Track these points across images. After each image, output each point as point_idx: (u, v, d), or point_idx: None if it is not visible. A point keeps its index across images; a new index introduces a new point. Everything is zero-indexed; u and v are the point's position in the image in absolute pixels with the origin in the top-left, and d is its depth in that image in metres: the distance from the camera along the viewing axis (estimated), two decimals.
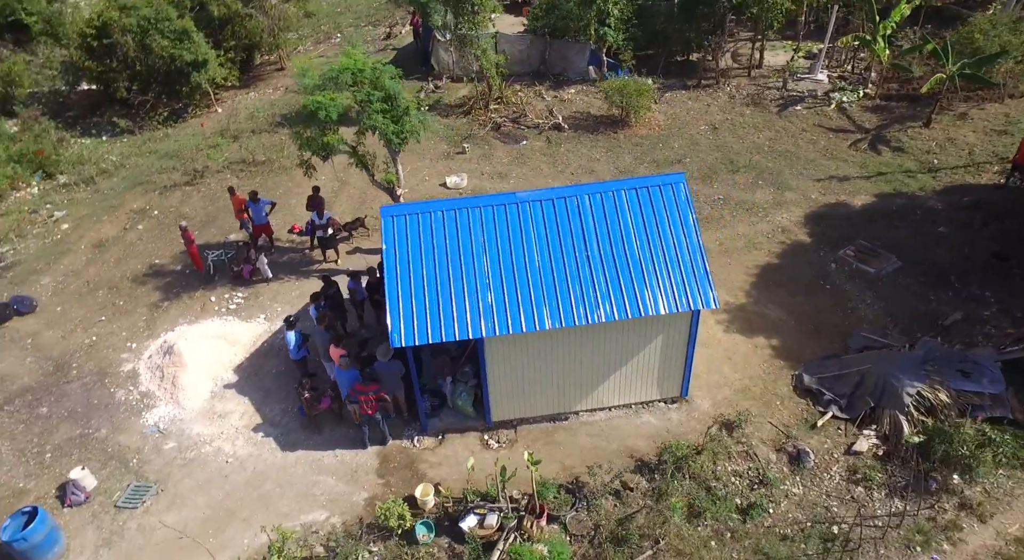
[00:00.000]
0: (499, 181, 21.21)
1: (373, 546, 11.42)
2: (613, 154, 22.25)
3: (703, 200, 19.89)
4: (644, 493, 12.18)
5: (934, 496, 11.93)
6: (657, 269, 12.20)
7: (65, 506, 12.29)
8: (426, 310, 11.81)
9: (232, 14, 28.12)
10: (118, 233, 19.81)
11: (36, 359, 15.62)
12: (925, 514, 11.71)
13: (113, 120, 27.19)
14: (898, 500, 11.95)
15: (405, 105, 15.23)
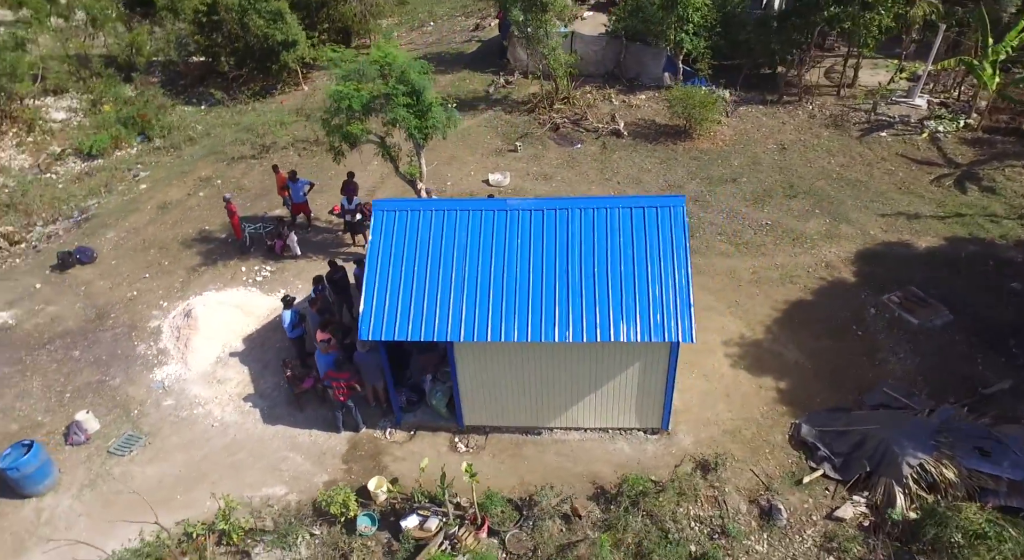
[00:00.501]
0: (542, 183, 20.99)
1: (316, 529, 11.78)
2: (666, 166, 21.43)
3: (747, 224, 18.81)
4: (594, 522, 11.80)
5: None
6: (638, 295, 11.68)
7: (67, 444, 13.50)
8: (398, 307, 11.94)
9: None
10: (182, 197, 21.34)
11: (84, 306, 17.17)
12: None
13: (211, 91, 29.18)
14: None
15: (429, 101, 15.36)
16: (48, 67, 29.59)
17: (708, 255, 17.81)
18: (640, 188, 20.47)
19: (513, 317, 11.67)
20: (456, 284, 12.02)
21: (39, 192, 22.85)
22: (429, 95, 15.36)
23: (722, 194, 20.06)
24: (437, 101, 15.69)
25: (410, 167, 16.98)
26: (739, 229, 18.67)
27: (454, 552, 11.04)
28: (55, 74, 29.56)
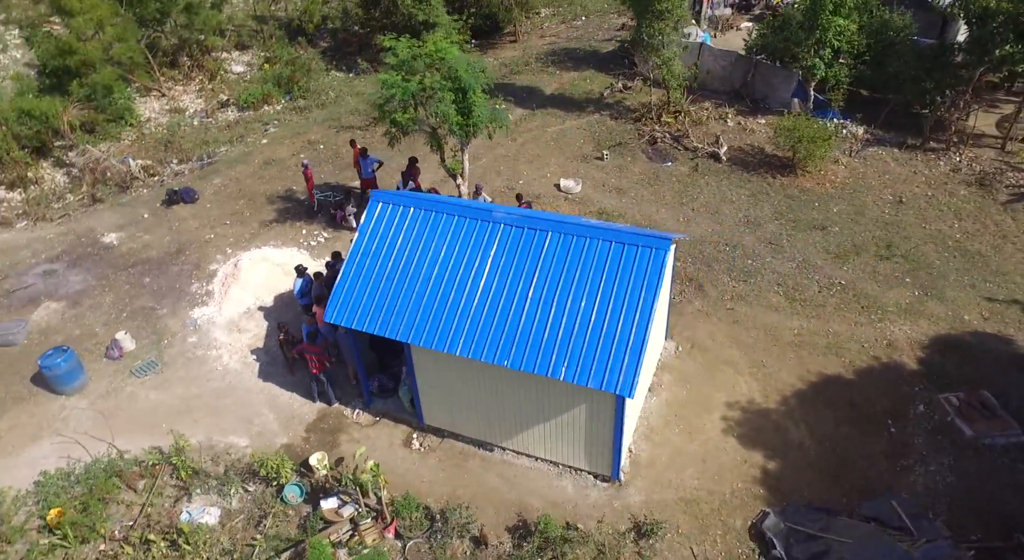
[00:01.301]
0: (614, 196, 20.19)
1: (252, 486, 12.60)
2: (753, 200, 19.65)
3: (817, 279, 16.81)
4: (500, 554, 11.46)
5: None
6: (589, 336, 11.01)
7: (104, 357, 15.55)
8: (363, 297, 12.27)
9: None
10: (286, 156, 23.26)
11: (171, 240, 19.46)
12: None
13: (360, 61, 31.26)
14: None
15: (475, 100, 15.35)
16: (236, 26, 33.36)
17: (754, 305, 16.20)
18: (713, 220, 18.99)
19: (462, 331, 11.53)
20: (421, 287, 12.08)
21: (194, 135, 25.96)
22: (476, 94, 15.35)
23: (802, 241, 18.04)
24: (482, 100, 15.62)
25: (453, 162, 17.15)
26: (803, 283, 16.73)
27: (351, 543, 11.31)
28: (240, 32, 33.29)
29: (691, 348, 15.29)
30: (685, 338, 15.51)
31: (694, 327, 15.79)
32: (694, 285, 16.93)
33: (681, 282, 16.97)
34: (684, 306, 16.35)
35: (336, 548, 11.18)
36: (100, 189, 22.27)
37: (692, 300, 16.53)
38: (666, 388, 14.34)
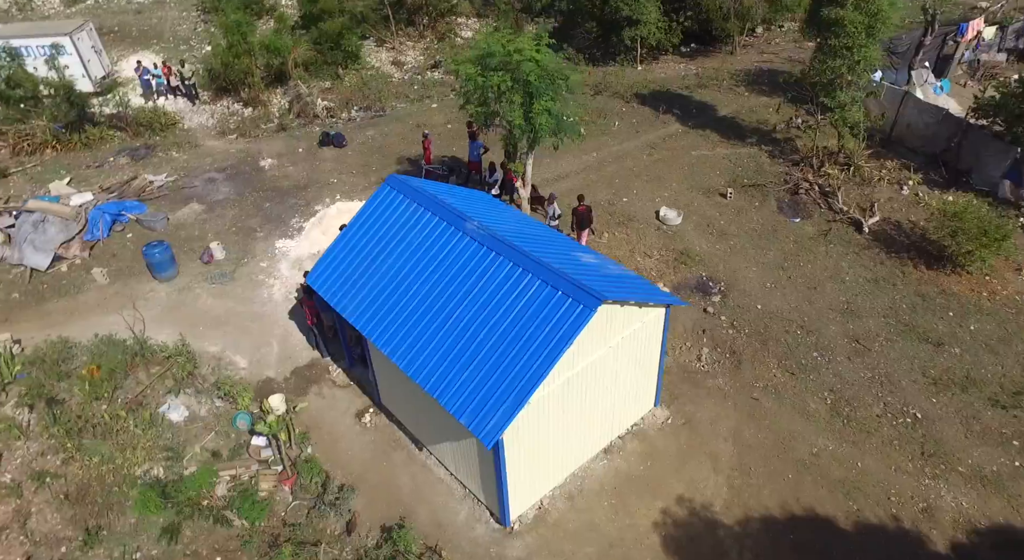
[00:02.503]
0: (711, 239, 18.25)
1: (220, 403, 14.24)
2: (871, 288, 16.48)
3: (886, 400, 13.87)
4: (357, 547, 11.70)
5: None
6: (488, 373, 10.49)
7: (199, 259, 18.41)
8: (337, 271, 12.98)
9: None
10: (439, 123, 24.63)
11: (305, 176, 22.00)
12: None
13: (564, 46, 31.52)
14: None
15: (543, 107, 14.86)
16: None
17: (786, 403, 13.88)
18: (805, 296, 16.31)
19: (397, 332, 11.65)
20: (384, 277, 12.38)
21: (392, 88, 28.67)
22: (540, 102, 14.86)
23: (900, 352, 14.81)
24: (546, 107, 15.03)
25: (516, 164, 16.82)
26: (865, 400, 13.84)
27: (249, 482, 12.40)
28: (474, 1, 35.49)
29: (682, 424, 13.64)
30: (682, 413, 13.86)
31: (700, 404, 14.01)
32: (733, 360, 14.90)
33: (720, 352, 15.05)
34: (705, 378, 14.54)
35: (223, 480, 12.35)
36: (288, 120, 25.84)
37: (719, 375, 14.61)
38: (625, 456, 13.06)
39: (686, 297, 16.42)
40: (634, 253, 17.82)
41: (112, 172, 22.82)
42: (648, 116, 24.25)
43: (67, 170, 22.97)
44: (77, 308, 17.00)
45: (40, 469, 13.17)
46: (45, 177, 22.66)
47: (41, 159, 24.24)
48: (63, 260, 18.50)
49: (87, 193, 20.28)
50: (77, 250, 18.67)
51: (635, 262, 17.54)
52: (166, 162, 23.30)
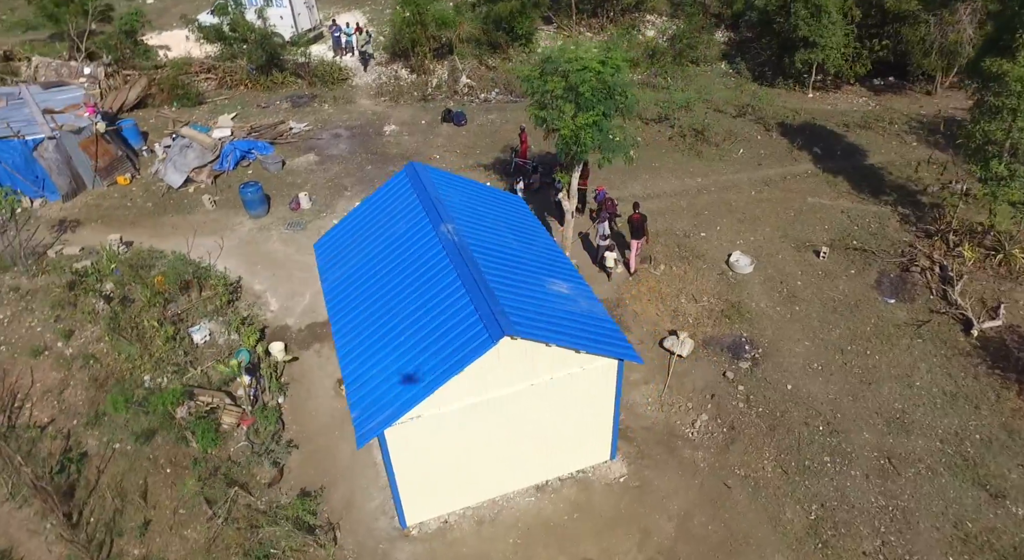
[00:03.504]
0: (777, 299, 16.22)
1: (235, 335, 15.69)
2: (945, 403, 13.75)
3: (882, 553, 11.56)
4: (271, 500, 12.45)
5: None
6: (391, 380, 10.48)
7: (288, 205, 20.23)
8: (335, 248, 13.57)
9: (902, 14, 24.61)
10: None
11: (413, 147, 22.96)
12: None
13: (739, 59, 29.26)
14: None
15: (588, 120, 14.02)
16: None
17: (758, 511, 12.12)
18: (852, 390, 13.90)
19: (347, 317, 11.96)
20: (361, 264, 12.71)
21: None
22: (584, 116, 14.02)
23: (955, 494, 12.16)
24: (591, 120, 14.10)
25: (561, 174, 16.00)
26: (864, 534, 11.59)
27: (214, 412, 13.69)
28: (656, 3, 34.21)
29: (635, 487, 12.53)
30: (640, 475, 12.71)
31: (664, 472, 12.75)
32: (727, 436, 13.27)
33: (718, 424, 13.48)
34: (685, 447, 13.18)
35: (199, 403, 13.72)
36: (432, 92, 27.08)
37: (702, 448, 13.17)
38: (555, 500, 12.35)
39: (713, 356, 14.84)
40: (680, 294, 16.38)
41: (271, 114, 25.70)
42: (781, 149, 21.82)
43: (241, 106, 26.27)
44: (181, 225, 19.62)
45: (91, 352, 15.62)
46: (223, 110, 26.13)
47: (233, 94, 27.98)
48: (193, 182, 21.40)
49: (227, 128, 23.09)
50: (205, 176, 21.48)
51: (676, 304, 16.13)
52: (313, 113, 25.68)
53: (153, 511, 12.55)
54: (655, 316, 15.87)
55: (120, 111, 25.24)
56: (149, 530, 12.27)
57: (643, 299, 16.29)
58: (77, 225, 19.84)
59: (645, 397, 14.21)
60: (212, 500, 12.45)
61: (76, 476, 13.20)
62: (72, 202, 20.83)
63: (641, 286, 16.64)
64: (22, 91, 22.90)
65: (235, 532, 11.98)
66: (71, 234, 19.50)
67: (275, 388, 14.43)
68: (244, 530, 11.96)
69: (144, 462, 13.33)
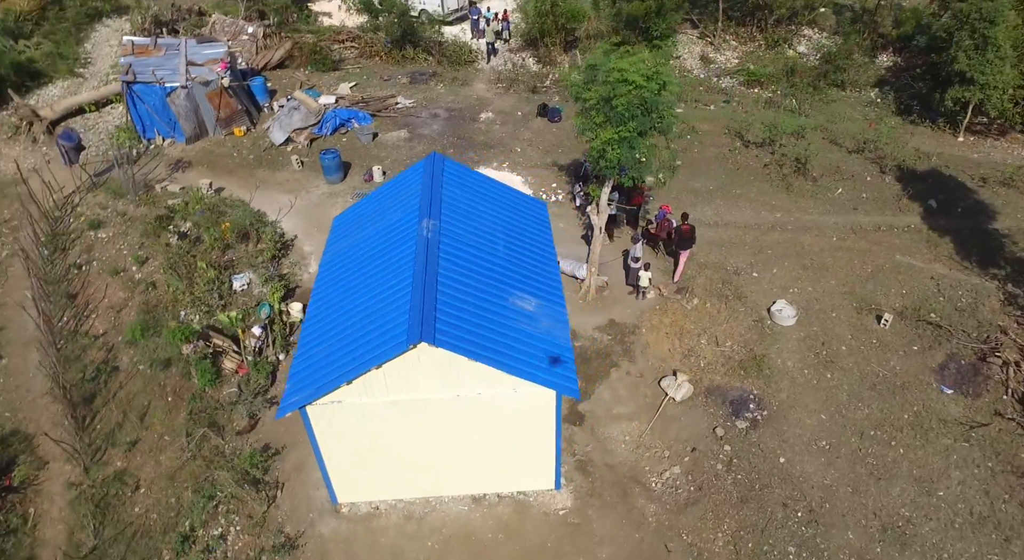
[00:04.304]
0: (810, 362, 14.57)
1: (267, 288, 16.80)
2: (973, 529, 11.73)
3: None
4: (236, 447, 13.33)
5: None
6: (325, 361, 10.78)
7: (362, 176, 21.18)
8: (345, 224, 14.08)
9: None
10: None
11: (500, 138, 22.96)
12: None
13: (890, 91, 26.15)
14: None
15: (613, 135, 13.22)
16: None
17: None
18: (852, 482, 12.12)
19: (325, 292, 12.42)
20: (357, 243, 13.07)
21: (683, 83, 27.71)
22: (610, 131, 13.20)
23: None
24: (618, 135, 13.22)
25: (593, 187, 15.13)
26: None
27: (219, 356, 14.84)
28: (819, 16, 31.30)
29: (572, 523, 11.93)
30: (582, 514, 12.08)
31: (608, 516, 12.07)
32: (691, 497, 12.20)
33: (687, 481, 12.45)
34: (641, 496, 12.32)
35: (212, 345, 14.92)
36: (548, 85, 26.91)
37: (659, 501, 12.21)
38: (486, 516, 12.10)
39: (710, 407, 13.64)
40: (703, 334, 15.15)
41: (389, 87, 26.94)
42: (889, 195, 19.27)
43: (366, 77, 27.79)
44: (268, 180, 21.30)
45: (152, 280, 17.52)
46: (350, 78, 27.79)
47: (366, 64, 29.67)
48: (292, 142, 23.07)
49: (332, 96, 24.52)
50: (303, 138, 23.05)
51: (694, 343, 14.95)
52: (426, 91, 26.51)
53: (145, 432, 13.95)
54: (666, 352, 14.84)
55: (263, 69, 27.67)
56: (135, 448, 13.68)
57: (661, 331, 15.28)
58: (188, 166, 22.17)
59: (623, 434, 13.41)
60: (191, 434, 13.60)
61: (102, 386, 14.97)
62: (193, 145, 23.27)
63: (665, 317, 15.61)
64: (181, 44, 25.80)
65: (196, 467, 13.03)
66: (181, 173, 21.84)
67: (280, 345, 15.35)
68: (203, 468, 12.97)
69: (154, 387, 14.82)
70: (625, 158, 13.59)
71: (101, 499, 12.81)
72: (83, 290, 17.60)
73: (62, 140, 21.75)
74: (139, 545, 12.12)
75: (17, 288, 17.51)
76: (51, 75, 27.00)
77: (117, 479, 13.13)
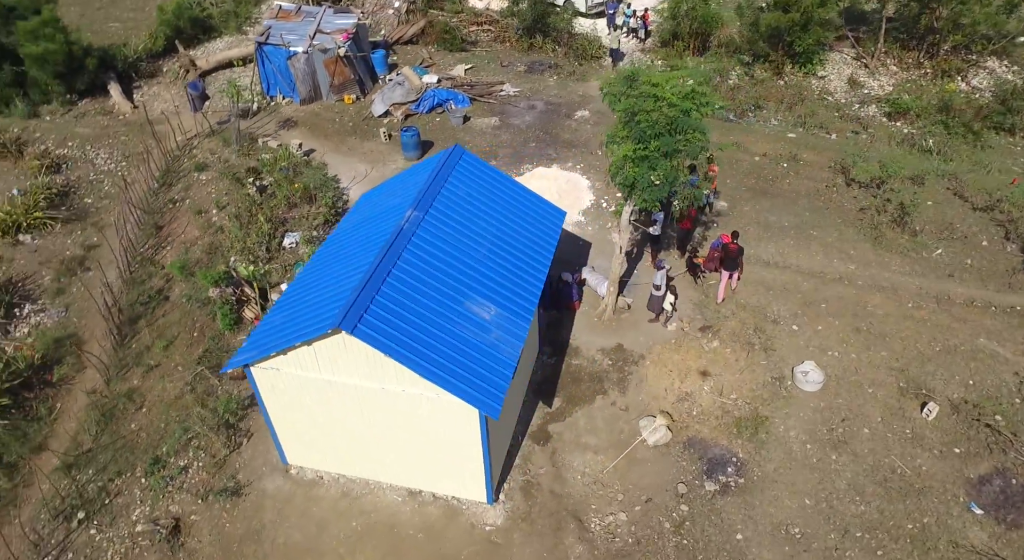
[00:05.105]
0: (819, 436, 12.92)
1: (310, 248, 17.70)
2: None
3: None
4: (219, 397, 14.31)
5: None
6: (279, 327, 11.22)
7: None
8: (359, 209, 14.43)
9: None
10: (751, 156, 21.28)
11: (587, 138, 22.23)
12: None
13: None
14: None
15: (626, 152, 12.29)
16: None
17: None
18: None
19: (314, 262, 12.92)
20: (357, 220, 13.44)
21: (807, 104, 25.47)
22: (631, 147, 12.24)
23: None
24: (628, 153, 12.24)
25: (619, 205, 14.06)
26: None
27: (243, 304, 15.92)
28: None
29: (489, 541, 11.56)
30: (507, 537, 11.66)
31: (527, 548, 11.51)
32: (622, 550, 11.30)
33: (621, 535, 11.56)
34: (565, 536, 11.58)
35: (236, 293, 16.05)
36: None
37: (581, 551, 11.41)
38: (415, 512, 12.08)
39: (683, 460, 12.52)
40: (708, 380, 13.85)
41: (503, 73, 27.11)
42: (1003, 267, 16.38)
43: (488, 61, 28.17)
44: (355, 148, 22.35)
45: (221, 225, 19.10)
46: (474, 60, 28.32)
47: (498, 48, 30.08)
48: (390, 115, 23.98)
49: (435, 76, 25.05)
50: (400, 112, 23.86)
51: (695, 389, 13.73)
52: (536, 81, 26.35)
53: (165, 359, 15.38)
54: (662, 391, 13.79)
55: (396, 42, 28.98)
56: (152, 372, 15.15)
57: (665, 367, 14.20)
58: (294, 125, 23.81)
59: (584, 465, 12.71)
60: (193, 370, 14.81)
61: (149, 311, 16.69)
62: (306, 107, 24.92)
63: (675, 354, 14.48)
64: (319, 12, 27.61)
65: (188, 401, 14.18)
66: (285, 131, 23.52)
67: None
68: (192, 403, 14.08)
69: (188, 321, 16.26)
70: (641, 179, 12.65)
71: (109, 410, 14.37)
72: (169, 224, 19.64)
73: (189, 89, 24.20)
74: (122, 457, 13.47)
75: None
76: (221, 31, 30.07)
77: (127, 396, 14.64)
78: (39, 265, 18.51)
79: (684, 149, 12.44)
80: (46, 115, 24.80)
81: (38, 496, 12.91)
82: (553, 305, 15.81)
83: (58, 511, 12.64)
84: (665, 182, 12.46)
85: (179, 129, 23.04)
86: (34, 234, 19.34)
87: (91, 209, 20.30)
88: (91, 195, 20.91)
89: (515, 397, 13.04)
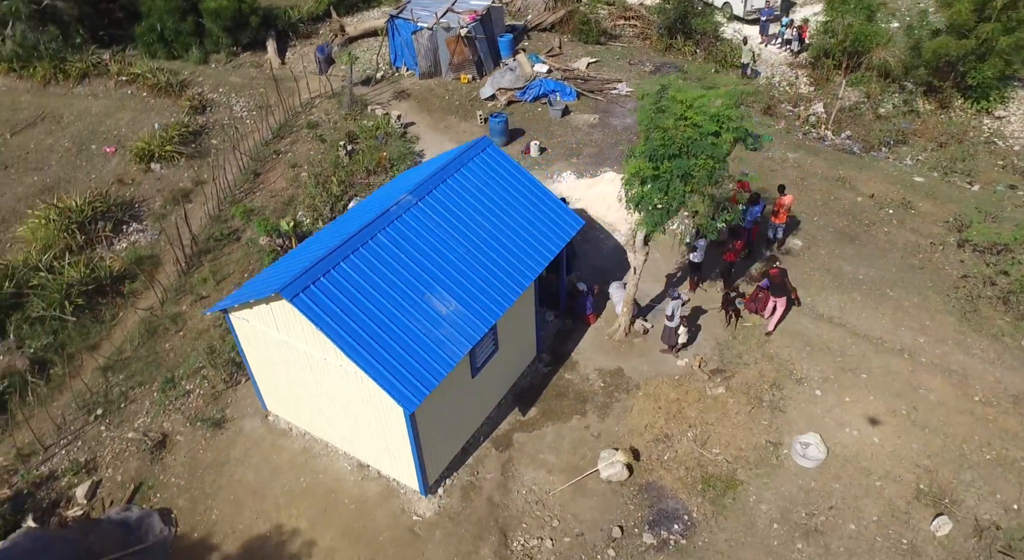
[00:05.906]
0: (789, 525, 11.37)
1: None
2: None
3: None
4: None
5: None
6: (257, 285, 11.94)
7: (522, 147, 21.40)
8: (388, 186, 14.77)
9: None
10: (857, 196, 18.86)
11: None
12: None
13: None
14: None
15: (635, 169, 11.41)
16: None
17: None
18: None
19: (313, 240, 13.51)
20: (361, 207, 13.78)
21: (969, 145, 22.39)
22: (639, 165, 11.34)
23: None
24: (637, 171, 11.30)
25: (636, 224, 12.96)
26: None
27: None
28: None
29: (410, 529, 11.59)
30: (428, 533, 11.58)
31: (443, 548, 11.37)
32: None
33: None
34: (486, 550, 11.28)
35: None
36: (796, 111, 23.66)
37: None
38: (356, 484, 12.38)
39: (631, 504, 11.70)
40: (695, 428, 12.68)
41: (626, 71, 26.30)
42: None
43: (619, 58, 27.47)
44: (451, 127, 22.86)
45: (303, 181, 20.47)
46: (610, 53, 27.72)
47: (638, 45, 29.25)
48: (496, 99, 24.19)
49: (545, 66, 24.74)
50: (504, 97, 23.98)
51: (677, 433, 12.65)
52: (649, 84, 25.23)
53: (215, 292, 16.94)
54: (641, 427, 12.87)
55: (535, 28, 29.11)
56: (200, 302, 16.77)
57: (655, 403, 13.23)
58: (407, 97, 24.82)
59: (533, 481, 12.28)
60: None
61: (219, 247, 18.43)
62: (424, 81, 25.85)
63: (672, 391, 13.42)
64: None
65: (212, 336, 15.53)
66: (397, 101, 24.60)
67: None
68: (215, 338, 15.40)
69: (245, 262, 17.76)
70: (647, 199, 11.76)
71: (154, 328, 16.16)
72: (267, 172, 21.45)
73: (317, 52, 25.96)
74: (148, 370, 15.13)
75: None
76: (381, 1, 31.94)
77: (172, 318, 16.35)
78: (156, 192, 21.06)
79: (697, 175, 11.39)
80: (213, 63, 27.85)
81: (79, 387, 14.91)
82: (568, 314, 15.29)
83: (85, 403, 14.52)
84: (668, 207, 11.51)
85: (307, 89, 24.96)
86: (163, 164, 21.99)
87: (213, 149, 22.65)
88: (218, 137, 23.32)
89: (483, 397, 12.87)
